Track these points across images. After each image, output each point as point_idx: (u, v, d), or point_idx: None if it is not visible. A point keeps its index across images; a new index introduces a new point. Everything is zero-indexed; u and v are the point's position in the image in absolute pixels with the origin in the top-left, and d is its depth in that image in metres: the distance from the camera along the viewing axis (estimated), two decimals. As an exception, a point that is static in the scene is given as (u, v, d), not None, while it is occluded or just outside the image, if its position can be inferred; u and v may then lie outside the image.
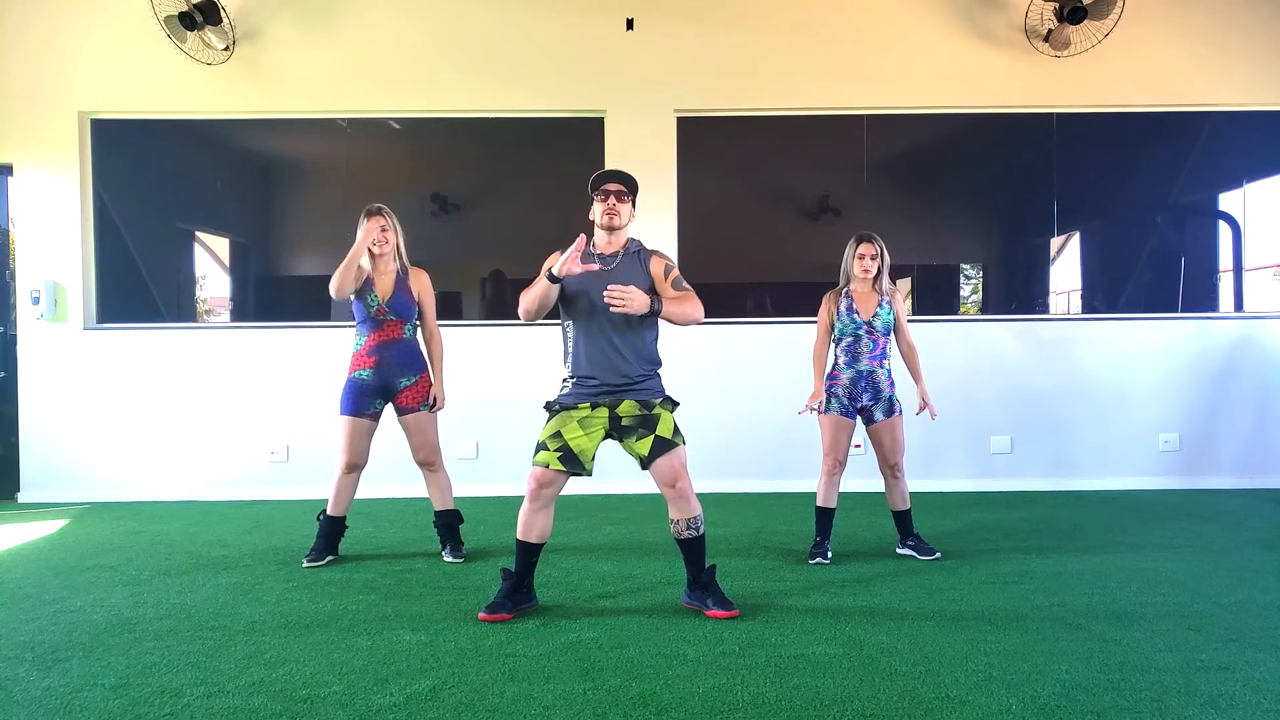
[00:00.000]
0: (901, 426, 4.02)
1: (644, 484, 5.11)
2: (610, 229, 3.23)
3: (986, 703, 2.39)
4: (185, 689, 2.53)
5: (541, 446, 3.15)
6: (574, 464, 3.12)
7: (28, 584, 3.70)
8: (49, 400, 5.85)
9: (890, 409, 3.98)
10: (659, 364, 3.28)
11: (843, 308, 4.01)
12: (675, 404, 3.26)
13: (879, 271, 3.98)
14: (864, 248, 3.99)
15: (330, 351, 5.82)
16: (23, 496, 5.85)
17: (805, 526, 4.74)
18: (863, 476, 5.42)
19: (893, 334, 4.06)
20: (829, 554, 3.99)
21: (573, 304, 3.21)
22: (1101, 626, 3.02)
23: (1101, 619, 3.11)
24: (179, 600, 3.44)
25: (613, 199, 3.21)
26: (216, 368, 5.88)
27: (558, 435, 3.14)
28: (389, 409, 4.08)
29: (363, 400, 3.97)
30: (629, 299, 2.95)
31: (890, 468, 4.02)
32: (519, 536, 3.24)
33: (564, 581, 3.68)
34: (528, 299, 3.15)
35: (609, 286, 2.97)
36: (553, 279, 3.07)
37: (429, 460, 4.07)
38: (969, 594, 3.44)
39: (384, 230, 3.97)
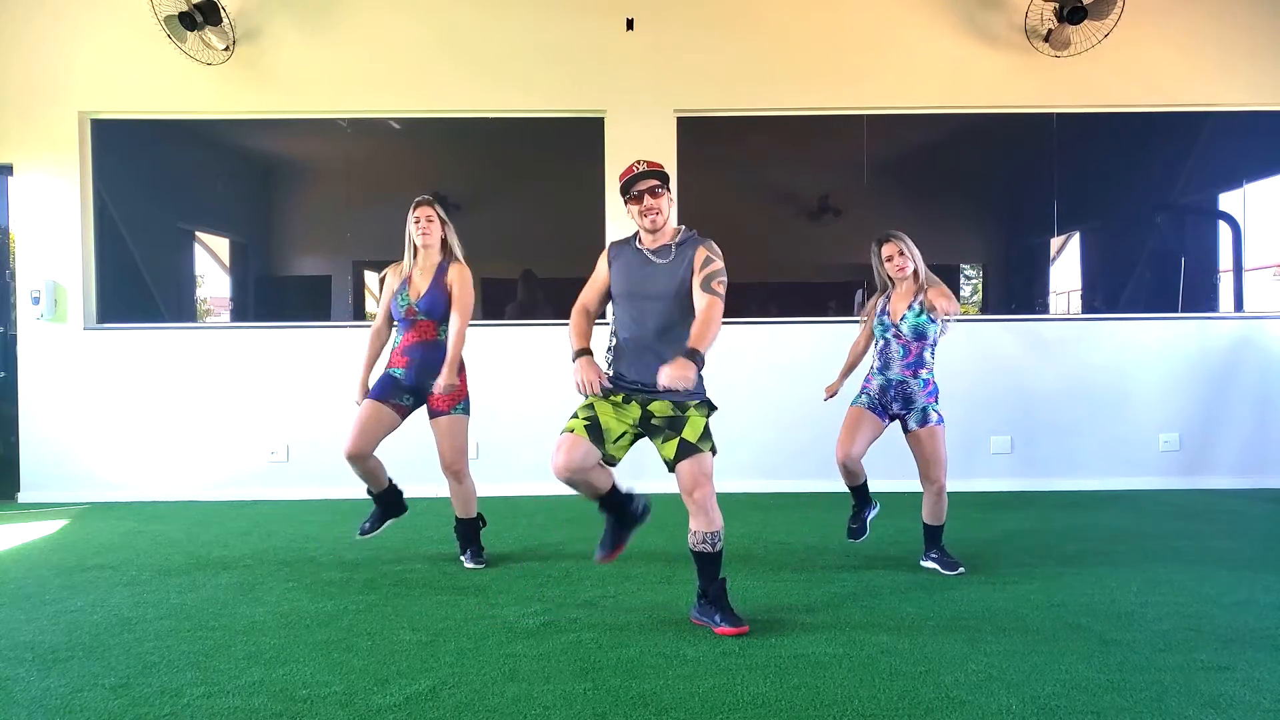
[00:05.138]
0: (940, 438, 3.72)
1: (644, 485, 5.10)
2: (654, 230, 3.09)
3: (986, 703, 2.39)
4: (185, 689, 2.53)
5: (572, 416, 3.05)
6: (597, 436, 2.98)
7: (28, 584, 3.70)
8: (49, 400, 5.84)
9: (924, 419, 3.73)
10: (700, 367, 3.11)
11: (880, 307, 3.84)
12: (712, 408, 3.10)
13: (915, 267, 3.74)
14: (887, 248, 3.77)
15: (330, 351, 5.83)
16: (23, 496, 5.85)
17: (806, 526, 4.75)
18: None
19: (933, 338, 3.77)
20: (869, 521, 3.95)
21: (617, 304, 3.17)
22: (1101, 626, 3.02)
23: (1101, 619, 3.11)
24: (179, 600, 3.44)
25: (647, 198, 3.04)
26: (216, 368, 5.87)
27: (590, 407, 3.05)
28: (421, 415, 3.96)
29: (391, 390, 3.85)
30: (679, 380, 2.76)
31: (929, 482, 3.76)
32: (591, 499, 3.14)
33: (564, 581, 3.68)
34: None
35: (663, 385, 2.79)
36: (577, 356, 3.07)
37: (456, 470, 3.92)
38: (969, 594, 3.43)
39: (429, 221, 3.86)
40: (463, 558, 4.05)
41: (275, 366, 5.88)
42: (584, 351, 3.08)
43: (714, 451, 3.03)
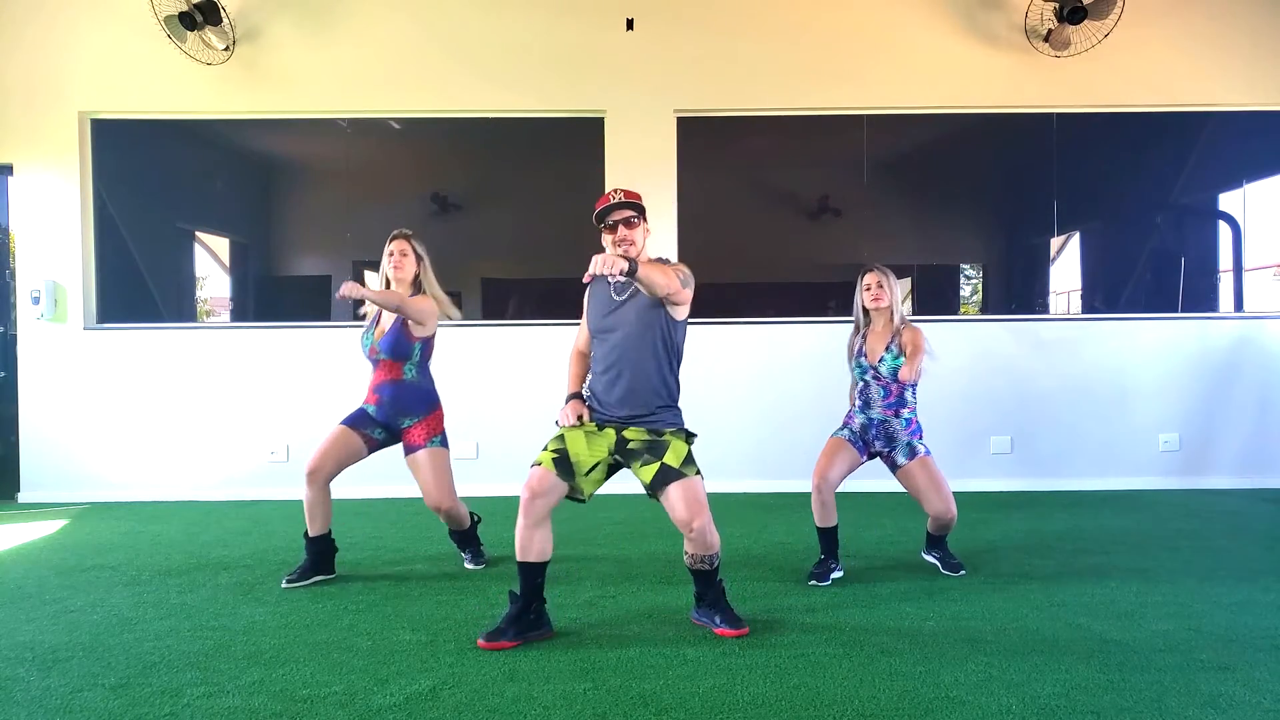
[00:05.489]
0: (933, 467, 3.65)
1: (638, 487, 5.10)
2: (627, 260, 3.05)
3: (986, 703, 2.39)
4: (185, 689, 2.53)
5: (543, 449, 3.07)
6: (567, 470, 2.97)
7: (28, 584, 3.70)
8: (49, 400, 5.85)
9: (911, 452, 3.68)
10: (675, 398, 3.12)
11: (855, 348, 3.80)
12: (691, 436, 3.09)
13: (890, 302, 3.69)
14: (868, 277, 3.72)
15: (330, 351, 5.83)
16: (23, 496, 5.85)
17: (806, 526, 4.74)
18: (863, 477, 5.39)
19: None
20: (831, 575, 3.65)
21: (592, 338, 3.17)
22: (1101, 626, 3.02)
23: (1101, 619, 3.11)
24: (179, 600, 3.44)
25: (621, 228, 3.00)
26: (216, 368, 5.87)
27: (560, 439, 3.07)
28: (397, 451, 3.88)
29: (363, 421, 3.75)
30: (605, 264, 2.72)
31: (938, 513, 3.65)
32: (517, 558, 3.00)
33: (564, 581, 3.68)
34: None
35: (589, 273, 2.78)
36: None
37: (443, 508, 3.77)
38: (969, 594, 3.43)
39: (403, 255, 3.74)
40: (463, 558, 4.05)
41: (275, 366, 5.88)
42: (573, 396, 3.20)
43: (699, 474, 2.99)
